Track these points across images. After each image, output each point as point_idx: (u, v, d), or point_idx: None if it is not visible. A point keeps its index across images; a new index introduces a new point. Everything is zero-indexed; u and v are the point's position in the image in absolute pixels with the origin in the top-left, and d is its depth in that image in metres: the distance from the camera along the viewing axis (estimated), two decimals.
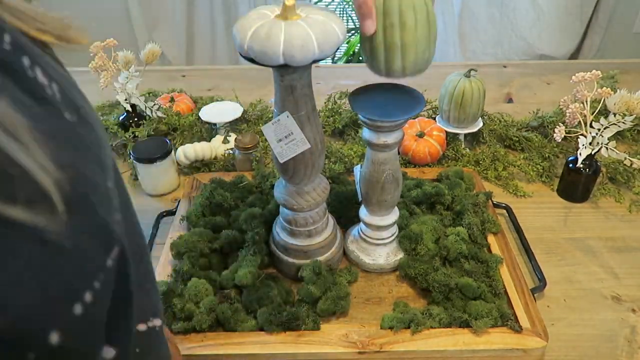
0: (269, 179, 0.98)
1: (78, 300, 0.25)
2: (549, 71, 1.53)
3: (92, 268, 0.26)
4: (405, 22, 0.59)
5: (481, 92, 1.06)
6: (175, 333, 0.71)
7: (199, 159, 1.08)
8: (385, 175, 0.73)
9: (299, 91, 0.64)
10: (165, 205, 1.02)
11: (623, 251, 0.90)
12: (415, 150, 1.06)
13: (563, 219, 0.97)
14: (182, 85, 1.44)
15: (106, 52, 1.12)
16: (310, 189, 0.74)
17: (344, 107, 1.23)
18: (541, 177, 1.06)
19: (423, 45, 0.61)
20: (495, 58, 2.49)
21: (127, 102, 1.15)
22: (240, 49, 0.58)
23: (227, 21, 2.51)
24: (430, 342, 0.70)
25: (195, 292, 0.73)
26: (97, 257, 0.26)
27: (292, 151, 0.67)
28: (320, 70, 1.56)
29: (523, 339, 0.69)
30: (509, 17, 2.40)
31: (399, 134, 0.69)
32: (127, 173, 1.11)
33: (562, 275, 0.85)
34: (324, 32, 0.56)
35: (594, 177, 0.98)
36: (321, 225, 0.79)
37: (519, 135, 1.14)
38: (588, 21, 2.45)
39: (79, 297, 0.25)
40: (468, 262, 0.81)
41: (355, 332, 0.71)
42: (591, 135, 0.94)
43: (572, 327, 0.77)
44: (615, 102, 0.89)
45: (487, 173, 1.07)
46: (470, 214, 0.87)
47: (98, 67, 1.11)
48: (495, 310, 0.72)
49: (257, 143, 1.04)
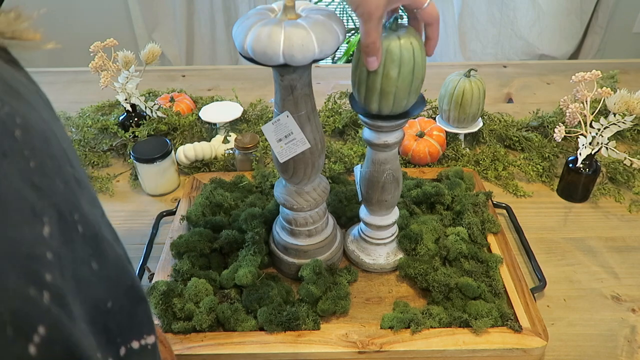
0: (269, 179, 0.98)
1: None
2: (549, 71, 1.53)
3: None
4: (388, 73, 0.60)
5: (481, 91, 1.06)
6: (175, 333, 0.71)
7: (199, 159, 1.08)
8: (386, 175, 0.73)
9: (299, 91, 0.64)
10: (165, 205, 1.02)
11: (623, 251, 0.90)
12: (415, 150, 1.06)
13: (563, 219, 0.97)
14: (182, 85, 1.44)
15: (106, 52, 1.12)
16: (310, 188, 0.74)
17: (344, 107, 1.24)
18: (541, 177, 1.06)
19: (402, 94, 0.62)
20: (495, 58, 2.49)
21: (127, 102, 1.15)
22: (240, 49, 0.58)
23: (227, 21, 2.51)
24: (430, 342, 0.70)
25: (196, 292, 0.73)
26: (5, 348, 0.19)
27: (292, 151, 0.67)
28: (320, 70, 1.56)
29: (523, 339, 0.69)
30: (509, 17, 2.40)
31: (400, 134, 0.70)
32: (127, 173, 1.11)
33: (562, 275, 0.85)
34: (324, 32, 0.56)
35: (594, 177, 0.98)
36: (321, 225, 0.79)
37: (519, 135, 1.14)
38: (588, 21, 2.45)
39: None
40: (468, 262, 0.81)
41: (355, 331, 0.71)
42: (591, 135, 0.94)
43: (572, 326, 0.77)
44: (615, 102, 0.89)
45: (487, 173, 1.07)
46: (470, 214, 0.87)
47: (98, 67, 1.11)
48: (495, 310, 0.72)
49: (257, 143, 1.04)
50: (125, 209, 1.02)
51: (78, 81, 1.51)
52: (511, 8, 2.37)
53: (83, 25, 2.42)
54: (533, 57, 2.47)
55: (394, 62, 0.59)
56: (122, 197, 1.05)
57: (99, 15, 2.43)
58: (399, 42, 0.59)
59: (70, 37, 2.47)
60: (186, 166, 1.09)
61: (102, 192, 1.06)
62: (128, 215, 1.00)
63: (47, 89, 0.34)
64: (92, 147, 1.16)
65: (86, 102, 1.35)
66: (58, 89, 1.47)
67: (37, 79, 0.34)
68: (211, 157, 1.09)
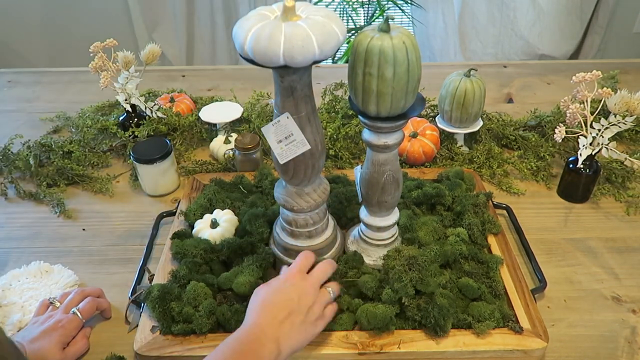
0: (269, 177, 0.98)
1: None
2: (549, 71, 1.53)
3: None
4: (383, 74, 0.60)
5: (482, 91, 1.06)
6: (175, 335, 0.71)
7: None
8: (386, 176, 0.73)
9: (299, 92, 0.63)
10: (165, 206, 1.01)
11: (623, 252, 0.90)
12: (410, 151, 1.06)
13: (563, 220, 0.97)
14: (182, 85, 1.44)
15: (106, 52, 1.12)
16: (310, 189, 0.74)
17: (342, 97, 1.23)
18: (536, 177, 1.06)
19: (399, 95, 0.62)
20: (495, 58, 2.49)
21: (127, 102, 1.15)
22: (240, 50, 0.58)
23: (227, 21, 2.51)
24: (430, 343, 0.70)
25: (194, 296, 0.73)
26: None
27: (292, 152, 0.67)
28: (320, 70, 1.56)
29: (523, 340, 0.69)
30: (509, 16, 2.40)
31: (399, 134, 0.69)
32: (127, 174, 1.11)
33: (563, 276, 0.85)
34: (324, 33, 0.56)
35: (594, 178, 0.98)
36: (321, 226, 0.79)
37: (516, 135, 1.14)
38: (588, 21, 2.45)
39: None
40: (468, 262, 0.81)
41: (356, 333, 0.71)
42: (591, 136, 0.94)
43: (573, 327, 0.77)
44: (616, 103, 0.89)
45: (482, 171, 1.07)
46: (470, 215, 0.87)
47: (98, 67, 1.11)
48: (497, 311, 0.72)
49: (257, 143, 1.04)
50: (125, 209, 1.02)
51: (78, 81, 1.51)
52: (511, 8, 2.37)
53: (83, 25, 2.42)
54: (533, 57, 2.47)
55: (388, 62, 0.59)
56: (122, 197, 1.05)
57: (99, 15, 2.43)
58: (391, 43, 0.59)
59: (70, 37, 2.48)
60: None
61: (102, 193, 1.06)
62: (128, 216, 1.00)
63: (47, 89, 0.34)
64: (91, 147, 1.16)
65: (86, 102, 1.35)
66: (58, 89, 1.47)
67: (37, 79, 0.34)
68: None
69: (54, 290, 0.82)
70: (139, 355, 0.70)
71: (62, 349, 0.70)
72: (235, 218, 0.89)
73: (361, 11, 2.53)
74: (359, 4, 2.49)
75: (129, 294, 0.79)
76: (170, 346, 0.70)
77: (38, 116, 1.32)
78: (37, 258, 0.88)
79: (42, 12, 2.39)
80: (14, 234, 0.97)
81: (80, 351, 0.73)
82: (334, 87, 1.25)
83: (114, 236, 0.95)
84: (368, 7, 2.51)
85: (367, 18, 2.53)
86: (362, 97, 0.63)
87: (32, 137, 1.16)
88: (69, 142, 1.14)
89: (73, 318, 0.73)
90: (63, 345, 0.71)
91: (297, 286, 0.65)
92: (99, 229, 0.97)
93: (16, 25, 2.43)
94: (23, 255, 0.91)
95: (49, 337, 0.70)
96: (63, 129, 1.28)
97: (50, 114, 1.32)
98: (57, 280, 0.84)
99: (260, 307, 0.63)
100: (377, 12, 2.50)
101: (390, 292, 0.72)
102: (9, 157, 1.11)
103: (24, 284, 0.83)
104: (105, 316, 0.79)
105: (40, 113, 1.34)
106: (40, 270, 0.85)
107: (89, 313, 0.75)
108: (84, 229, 0.97)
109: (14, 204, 1.05)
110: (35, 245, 0.94)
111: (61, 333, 0.71)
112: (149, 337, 0.71)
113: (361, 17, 2.54)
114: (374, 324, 0.70)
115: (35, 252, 0.92)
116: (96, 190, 1.06)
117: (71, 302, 0.76)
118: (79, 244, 0.94)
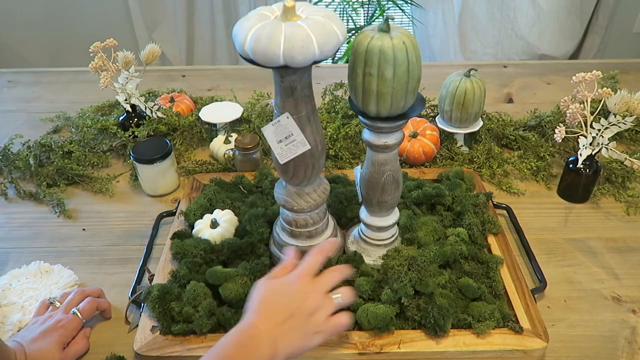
0: (269, 177, 0.98)
1: None
2: (549, 71, 1.53)
3: None
4: (383, 74, 0.60)
5: (482, 90, 1.06)
6: (175, 335, 0.71)
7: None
8: (386, 176, 0.73)
9: (299, 92, 0.63)
10: (165, 206, 1.01)
11: (623, 252, 0.90)
12: (410, 151, 1.06)
13: (563, 220, 0.97)
14: (182, 86, 1.44)
15: (106, 52, 1.12)
16: (310, 189, 0.74)
17: (342, 97, 1.23)
18: (536, 177, 1.06)
19: (399, 95, 0.62)
20: (495, 58, 2.49)
21: (127, 102, 1.15)
22: (240, 51, 0.58)
23: (227, 21, 2.51)
24: (430, 343, 0.70)
25: (194, 296, 0.73)
26: None
27: (293, 152, 0.67)
28: (320, 70, 1.56)
29: (523, 340, 0.69)
30: (509, 16, 2.40)
31: (399, 135, 0.69)
32: (127, 174, 1.11)
33: (563, 276, 0.85)
34: (325, 33, 0.56)
35: (595, 178, 0.98)
36: (321, 226, 0.79)
37: (516, 135, 1.14)
38: (588, 21, 2.45)
39: None
40: (468, 262, 0.81)
41: (356, 333, 0.71)
42: (591, 136, 0.94)
43: (573, 327, 0.77)
44: (616, 103, 0.89)
45: (482, 171, 1.07)
46: (470, 215, 0.87)
47: (98, 67, 1.11)
48: (497, 311, 0.72)
49: (257, 143, 1.04)
50: (125, 209, 1.02)
51: (78, 81, 1.51)
52: (511, 8, 2.37)
53: (83, 25, 2.42)
54: (533, 57, 2.47)
55: (388, 62, 0.59)
56: (122, 197, 1.05)
57: (99, 15, 2.43)
58: (391, 43, 0.59)
59: (70, 37, 2.48)
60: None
61: (102, 193, 1.06)
62: (128, 216, 1.00)
63: (47, 89, 0.34)
64: (91, 147, 1.16)
65: (86, 102, 1.35)
66: (58, 89, 1.47)
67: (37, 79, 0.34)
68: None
69: (54, 290, 0.82)
70: (139, 355, 0.70)
71: (62, 349, 0.70)
72: (235, 218, 0.89)
73: (361, 11, 2.53)
74: (359, 4, 2.49)
75: (129, 294, 0.79)
76: (170, 346, 0.70)
77: (38, 116, 1.33)
78: (37, 258, 0.88)
79: (42, 12, 2.39)
80: (13, 234, 0.97)
81: (80, 351, 0.73)
82: (334, 87, 1.24)
83: (114, 236, 0.95)
84: (368, 7, 2.51)
85: (367, 18, 2.53)
86: (362, 97, 0.63)
87: (32, 137, 1.16)
88: (69, 142, 1.14)
89: (73, 318, 0.73)
90: (63, 345, 0.71)
91: (302, 290, 0.62)
92: (99, 229, 0.97)
93: (16, 25, 2.43)
94: (23, 255, 0.91)
95: (49, 337, 0.70)
96: (63, 129, 1.28)
97: (50, 114, 1.32)
98: (57, 280, 0.84)
99: (261, 306, 0.61)
100: (377, 12, 2.50)
101: (390, 292, 0.72)
102: (9, 157, 1.12)
103: (24, 284, 0.83)
104: (105, 316, 0.79)
105: (40, 113, 1.34)
106: (40, 270, 0.85)
107: (89, 313, 0.75)
108: (84, 229, 0.97)
109: (13, 204, 1.05)
110: (35, 245, 0.94)
111: (61, 333, 0.71)
112: (149, 337, 0.71)
113: (361, 17, 2.54)
114: (374, 324, 0.70)
115: (35, 252, 0.92)
116: (96, 190, 1.06)
117: (71, 302, 0.76)
118: (79, 244, 0.94)
